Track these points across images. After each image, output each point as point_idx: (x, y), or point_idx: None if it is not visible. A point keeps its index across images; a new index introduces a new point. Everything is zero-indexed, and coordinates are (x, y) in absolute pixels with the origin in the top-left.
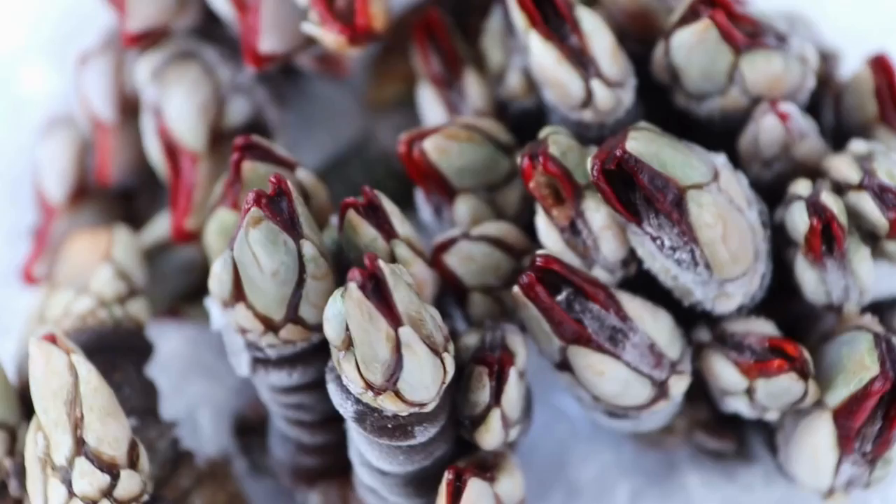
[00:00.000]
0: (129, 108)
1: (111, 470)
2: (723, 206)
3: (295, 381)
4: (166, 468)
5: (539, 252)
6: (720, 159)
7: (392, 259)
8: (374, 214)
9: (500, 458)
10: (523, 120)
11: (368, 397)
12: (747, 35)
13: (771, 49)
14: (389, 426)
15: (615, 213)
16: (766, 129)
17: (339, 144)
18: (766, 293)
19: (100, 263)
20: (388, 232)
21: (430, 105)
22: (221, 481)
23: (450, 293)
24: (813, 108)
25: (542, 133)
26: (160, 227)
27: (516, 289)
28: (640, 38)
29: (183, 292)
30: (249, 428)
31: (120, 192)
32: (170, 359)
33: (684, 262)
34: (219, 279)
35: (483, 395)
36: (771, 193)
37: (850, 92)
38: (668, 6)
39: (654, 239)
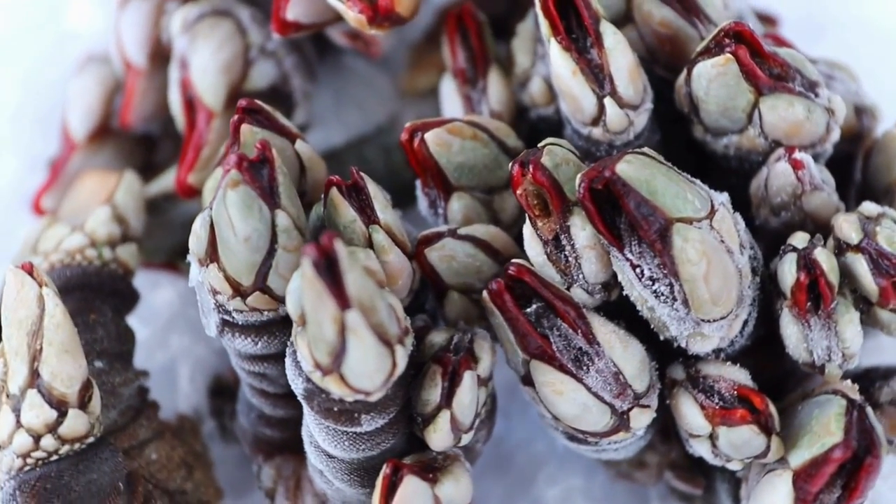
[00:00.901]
0: (162, 55)
1: (60, 407)
2: (710, 245)
3: (259, 350)
4: (127, 415)
5: (514, 261)
6: (721, 198)
7: (369, 244)
8: (357, 196)
9: (450, 461)
10: (541, 128)
11: (317, 377)
12: (772, 76)
13: (795, 94)
14: (335, 409)
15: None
16: (777, 175)
17: (370, 125)
18: (750, 341)
19: (100, 204)
20: (369, 216)
21: (449, 98)
22: (185, 438)
23: (430, 289)
24: (843, 163)
25: (543, 142)
26: (170, 178)
27: (485, 293)
28: (668, 63)
29: (182, 246)
30: (225, 390)
31: (142, 139)
32: (159, 310)
33: (662, 294)
34: (197, 236)
35: (434, 394)
36: (776, 242)
37: (878, 151)
38: (702, 34)
39: (633, 267)
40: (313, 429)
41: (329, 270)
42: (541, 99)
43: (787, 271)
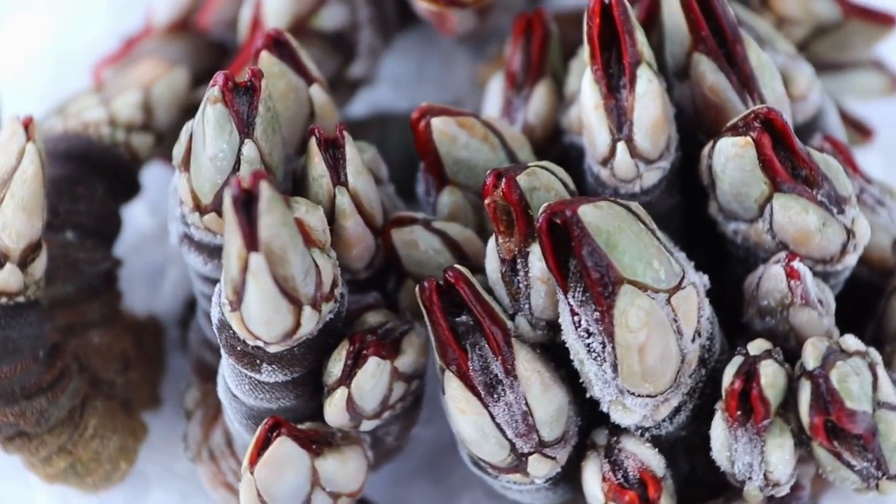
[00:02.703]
0: None
1: (0, 258)
2: (656, 318)
3: (209, 272)
4: (82, 293)
5: (455, 266)
6: (695, 278)
7: (331, 203)
8: (334, 153)
9: (348, 442)
10: (571, 154)
11: (227, 310)
12: (795, 176)
13: (814, 202)
14: (239, 349)
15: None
16: (769, 277)
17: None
18: (687, 433)
19: (136, 88)
20: (339, 176)
21: (492, 95)
22: (141, 337)
23: (393, 270)
24: (868, 294)
25: (534, 162)
26: None
27: (417, 289)
28: (709, 131)
29: None
30: None
31: (217, 45)
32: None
33: (594, 351)
34: (179, 142)
35: (336, 367)
36: None
37: None
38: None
39: (573, 313)
40: (223, 362)
41: (247, 208)
42: (577, 125)
43: (728, 373)
